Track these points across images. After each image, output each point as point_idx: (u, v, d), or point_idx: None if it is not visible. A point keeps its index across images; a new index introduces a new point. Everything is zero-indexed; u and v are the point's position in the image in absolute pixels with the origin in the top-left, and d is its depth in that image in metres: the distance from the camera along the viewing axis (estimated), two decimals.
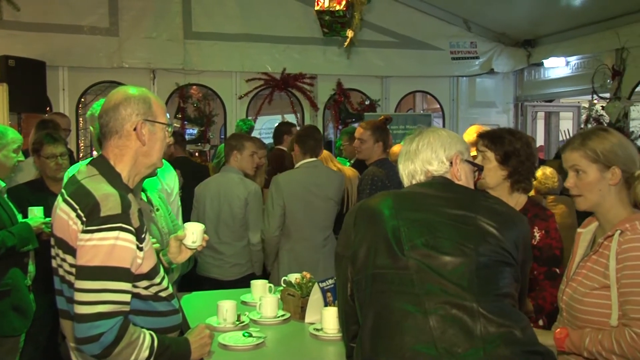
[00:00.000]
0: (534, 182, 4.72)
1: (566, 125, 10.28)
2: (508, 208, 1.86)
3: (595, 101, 8.18)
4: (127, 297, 1.83)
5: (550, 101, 10.22)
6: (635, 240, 1.90)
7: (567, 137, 8.97)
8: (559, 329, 2.06)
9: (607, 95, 7.97)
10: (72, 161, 4.66)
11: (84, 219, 1.82)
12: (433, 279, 1.66)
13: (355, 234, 1.80)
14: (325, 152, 4.69)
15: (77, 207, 1.85)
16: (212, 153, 8.69)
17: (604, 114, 7.82)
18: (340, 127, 8.79)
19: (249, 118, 8.27)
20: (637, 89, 7.78)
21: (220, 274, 4.05)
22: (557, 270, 2.53)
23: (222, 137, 9.73)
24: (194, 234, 2.28)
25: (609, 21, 7.73)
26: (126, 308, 1.82)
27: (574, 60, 8.87)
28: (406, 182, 1.96)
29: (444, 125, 9.21)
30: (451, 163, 1.91)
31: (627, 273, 1.88)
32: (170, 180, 3.51)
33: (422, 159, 1.92)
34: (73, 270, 1.84)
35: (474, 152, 2.50)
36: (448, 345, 1.57)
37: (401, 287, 1.67)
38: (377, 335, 1.66)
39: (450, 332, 1.59)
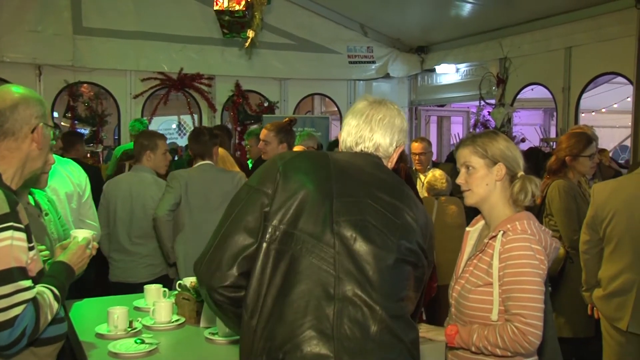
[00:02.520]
0: (425, 184, 4.94)
1: (457, 129, 10.82)
2: (422, 204, 1.86)
3: (482, 107, 8.67)
4: (35, 291, 1.79)
5: (442, 106, 10.72)
6: (516, 241, 2.02)
7: (458, 140, 9.47)
8: (449, 326, 2.15)
9: (493, 101, 8.48)
10: None
11: None
12: (350, 266, 1.58)
13: (285, 182, 1.65)
14: (221, 151, 4.64)
15: None
16: (105, 154, 8.34)
17: (491, 118, 8.30)
18: (238, 128, 8.73)
19: (144, 118, 8.03)
20: (518, 96, 8.34)
21: (133, 277, 3.91)
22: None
23: (116, 137, 9.35)
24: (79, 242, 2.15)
25: (494, 32, 8.24)
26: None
27: (463, 67, 9.37)
28: (348, 141, 1.84)
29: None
30: (394, 150, 1.87)
31: (508, 272, 2.00)
32: (81, 181, 3.34)
33: (381, 134, 1.82)
34: None
35: None
36: (343, 338, 1.54)
37: (321, 262, 1.58)
38: (281, 301, 1.56)
39: (347, 325, 1.55)
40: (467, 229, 2.35)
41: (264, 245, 1.59)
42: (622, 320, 3.00)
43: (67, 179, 3.22)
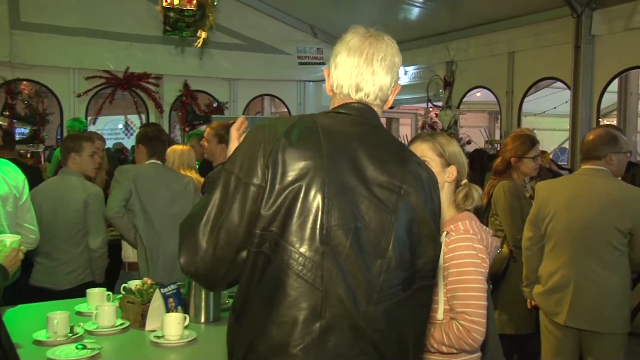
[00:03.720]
0: None
1: (405, 131, 10.97)
2: (432, 174, 1.64)
3: (430, 109, 8.83)
4: None
5: (391, 107, 10.84)
6: (459, 241, 2.06)
7: (406, 141, 9.61)
8: None
9: (441, 103, 8.64)
10: None
11: None
12: (338, 279, 1.42)
13: (274, 176, 1.41)
14: (187, 148, 4.62)
15: None
16: (47, 154, 8.09)
17: (438, 120, 8.47)
18: (187, 129, 8.61)
19: (83, 117, 7.82)
20: (464, 99, 8.54)
21: (53, 283, 3.77)
22: None
23: (59, 137, 9.07)
24: (7, 246, 2.08)
25: (441, 35, 8.42)
26: None
27: (411, 70, 9.51)
28: (346, 86, 1.59)
29: None
30: (391, 91, 1.65)
31: (453, 271, 2.04)
32: (19, 183, 3.21)
33: (383, 76, 1.60)
34: None
35: None
36: (327, 356, 1.42)
37: (309, 277, 1.41)
38: (266, 316, 1.43)
39: (332, 343, 1.42)
40: None
41: (254, 250, 1.43)
42: (560, 315, 3.11)
43: (1, 180, 3.09)
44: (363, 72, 1.58)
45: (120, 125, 12.78)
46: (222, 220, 1.44)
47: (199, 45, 6.55)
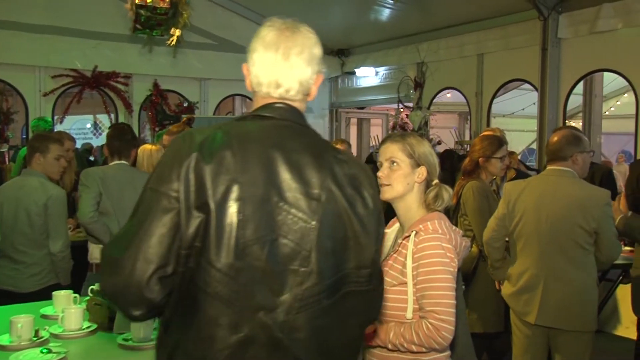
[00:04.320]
0: None
1: (376, 131, 11.04)
2: (364, 170, 1.57)
3: (401, 109, 8.90)
4: None
5: (362, 108, 10.90)
6: (428, 240, 2.08)
7: (377, 142, 9.68)
8: (368, 326, 2.17)
9: (411, 104, 8.72)
10: None
11: None
12: (256, 292, 1.39)
13: (188, 190, 1.37)
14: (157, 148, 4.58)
15: None
16: (12, 154, 7.92)
17: (409, 121, 8.53)
18: (157, 129, 8.52)
19: (49, 117, 7.68)
20: (434, 100, 8.62)
21: (16, 286, 3.68)
22: None
23: (24, 137, 8.89)
24: None
25: (411, 37, 8.48)
26: None
27: (382, 70, 9.58)
28: (265, 83, 1.56)
29: None
30: (313, 82, 1.60)
31: (422, 270, 2.05)
32: None
33: (302, 69, 1.56)
34: None
35: None
36: None
37: (224, 293, 1.38)
38: (185, 333, 1.41)
39: (250, 354, 1.41)
40: (385, 230, 2.39)
41: (181, 269, 1.39)
42: (530, 315, 3.16)
43: None
44: (281, 67, 1.55)
45: (89, 125, 12.59)
46: (141, 235, 1.38)
47: (173, 43, 6.48)
